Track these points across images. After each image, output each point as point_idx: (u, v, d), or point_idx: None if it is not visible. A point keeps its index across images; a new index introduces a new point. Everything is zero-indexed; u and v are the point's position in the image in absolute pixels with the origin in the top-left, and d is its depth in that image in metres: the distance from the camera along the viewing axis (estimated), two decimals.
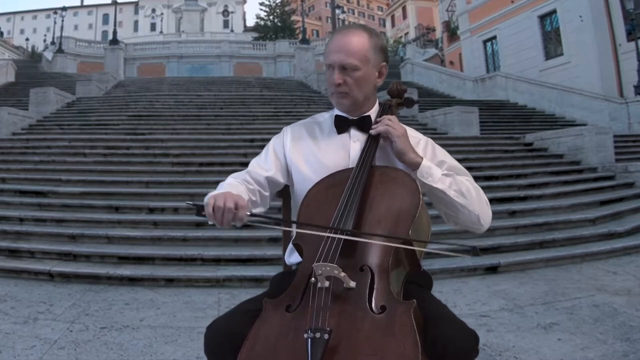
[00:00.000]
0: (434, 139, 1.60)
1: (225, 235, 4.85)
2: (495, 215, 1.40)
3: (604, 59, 15.30)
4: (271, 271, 3.09)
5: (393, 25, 54.48)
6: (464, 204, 1.39)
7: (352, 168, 1.41)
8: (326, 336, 1.08)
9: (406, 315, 1.12)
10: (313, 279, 1.18)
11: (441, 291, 3.66)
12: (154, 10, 55.67)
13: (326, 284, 1.16)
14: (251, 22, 52.93)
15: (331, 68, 1.45)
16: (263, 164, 1.53)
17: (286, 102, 13.69)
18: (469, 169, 1.56)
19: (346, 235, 1.25)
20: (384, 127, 1.43)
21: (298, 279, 1.27)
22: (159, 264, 4.48)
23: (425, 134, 1.61)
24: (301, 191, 1.47)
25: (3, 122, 9.45)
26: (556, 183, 7.19)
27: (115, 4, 32.74)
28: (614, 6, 15.26)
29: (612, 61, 15.38)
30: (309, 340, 1.08)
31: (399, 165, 1.44)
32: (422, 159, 1.41)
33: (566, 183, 7.25)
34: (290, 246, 1.53)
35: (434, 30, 38.22)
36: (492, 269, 4.42)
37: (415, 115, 11.47)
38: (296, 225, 1.39)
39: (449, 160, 1.51)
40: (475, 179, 1.52)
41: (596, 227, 5.51)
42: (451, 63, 25.79)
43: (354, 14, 62.61)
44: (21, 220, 5.37)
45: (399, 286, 1.27)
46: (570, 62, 16.31)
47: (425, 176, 1.39)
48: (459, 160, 1.55)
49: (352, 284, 1.17)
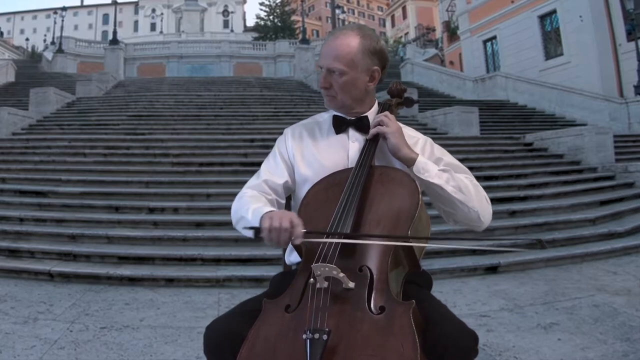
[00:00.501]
0: (434, 139, 1.59)
1: (226, 235, 4.85)
2: (495, 215, 1.39)
3: (604, 59, 15.30)
4: (271, 271, 3.09)
5: (393, 25, 54.50)
6: (463, 200, 1.37)
7: (352, 168, 1.40)
8: (325, 337, 1.08)
9: (405, 315, 1.12)
10: (312, 279, 1.18)
11: (441, 291, 3.66)
12: (154, 10, 55.67)
13: (325, 284, 1.16)
14: (251, 22, 53.02)
15: (322, 70, 1.47)
16: (275, 171, 1.52)
17: (286, 102, 13.69)
18: (469, 169, 1.56)
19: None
20: (376, 127, 1.43)
21: (297, 279, 1.27)
22: (159, 264, 4.47)
23: (425, 134, 1.61)
24: (301, 191, 1.47)
25: (3, 122, 9.46)
26: (556, 183, 7.19)
27: (115, 4, 32.76)
28: (614, 6, 15.26)
29: (612, 61, 15.38)
30: (307, 340, 1.09)
31: (398, 165, 1.44)
32: (417, 154, 1.40)
33: (566, 183, 7.25)
34: (290, 246, 1.53)
35: (434, 30, 38.23)
36: (492, 269, 4.42)
37: (415, 115, 11.47)
38: (344, 237, 1.27)
39: (447, 158, 1.50)
40: (475, 179, 1.51)
41: (596, 227, 5.50)
42: (451, 63, 25.79)
43: (354, 14, 62.61)
44: (21, 220, 5.37)
45: (398, 286, 1.26)
46: (570, 62, 16.31)
47: (422, 172, 1.37)
48: (459, 160, 1.54)
49: (351, 284, 1.17)
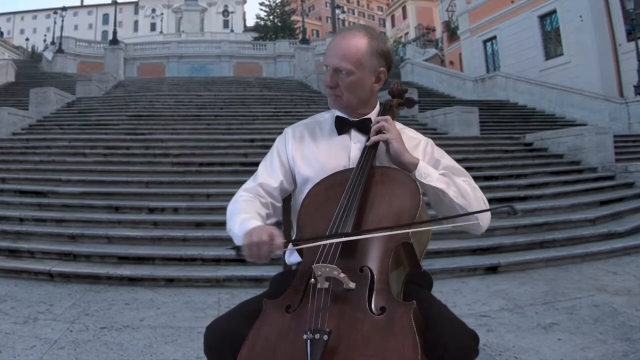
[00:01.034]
0: (434, 139, 1.59)
1: (226, 235, 4.76)
2: (495, 215, 1.39)
3: (604, 59, 15.30)
4: (271, 271, 3.08)
5: (393, 25, 54.47)
6: (463, 205, 1.38)
7: (353, 168, 1.40)
8: (325, 337, 1.08)
9: (406, 316, 1.12)
10: (313, 279, 1.18)
11: (441, 291, 3.66)
12: (154, 10, 55.68)
13: (326, 284, 1.16)
14: (251, 22, 53.02)
15: (328, 69, 1.46)
16: (272, 173, 1.53)
17: (286, 102, 13.69)
18: (469, 169, 1.56)
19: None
20: (377, 136, 1.42)
21: (298, 279, 1.27)
22: (159, 264, 4.47)
23: (425, 134, 1.60)
24: (302, 191, 1.47)
25: (3, 122, 9.46)
26: (556, 183, 7.19)
27: (115, 4, 32.77)
28: (614, 6, 15.26)
29: (612, 61, 15.38)
30: (308, 341, 1.09)
31: None
32: (419, 160, 1.40)
33: (566, 183, 7.25)
34: (290, 246, 1.53)
35: (434, 30, 38.23)
36: (492, 269, 4.42)
37: (415, 115, 11.47)
38: (329, 238, 1.29)
39: (447, 160, 1.50)
40: (475, 179, 1.51)
41: (596, 227, 5.50)
42: (451, 63, 25.80)
43: (354, 14, 62.62)
44: (21, 220, 5.36)
45: (398, 287, 1.26)
46: (570, 62, 16.31)
47: (424, 176, 1.38)
48: (458, 161, 1.54)
49: (352, 285, 1.17)
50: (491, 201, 1.47)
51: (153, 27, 54.27)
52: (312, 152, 1.52)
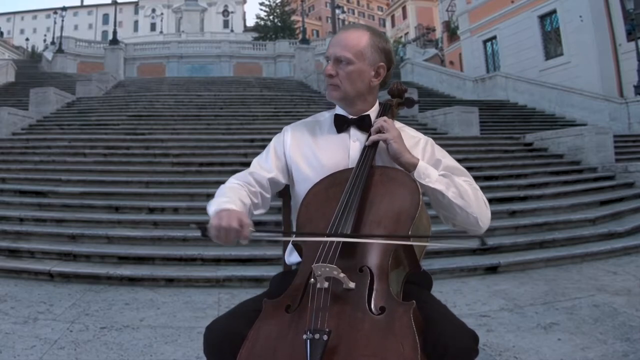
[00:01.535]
0: (434, 139, 1.59)
1: None
2: (495, 215, 1.40)
3: (604, 59, 15.30)
4: (271, 271, 3.09)
5: (393, 25, 54.47)
6: (463, 205, 1.37)
7: (352, 168, 1.40)
8: (325, 337, 1.08)
9: (406, 316, 1.12)
10: (312, 279, 1.18)
11: (441, 291, 3.66)
12: (154, 10, 55.68)
13: (325, 284, 1.16)
14: (251, 22, 53.03)
15: (329, 61, 1.47)
16: (265, 165, 1.53)
17: (286, 102, 13.69)
18: (469, 169, 1.56)
19: (345, 237, 1.24)
20: (376, 135, 1.43)
21: (298, 279, 1.27)
22: (159, 264, 4.48)
23: (425, 134, 1.60)
24: (301, 191, 1.47)
25: (3, 122, 9.46)
26: (556, 183, 7.19)
27: (115, 4, 32.77)
28: (614, 6, 15.26)
29: (612, 61, 15.39)
30: (308, 341, 1.09)
31: (397, 165, 1.44)
32: (418, 160, 1.40)
33: (566, 183, 7.25)
34: (290, 246, 1.53)
35: (434, 30, 38.24)
36: (492, 269, 4.42)
37: (415, 115, 11.47)
38: (296, 235, 1.40)
39: (447, 160, 1.49)
40: (475, 179, 1.51)
41: (596, 227, 5.50)
42: (451, 63, 25.80)
43: (354, 14, 62.62)
44: (21, 220, 5.37)
45: (398, 287, 1.26)
46: (570, 62, 16.32)
47: (423, 177, 1.38)
48: (458, 161, 1.54)
49: (352, 284, 1.17)
50: (491, 201, 1.47)
51: (153, 27, 54.26)
52: (311, 151, 1.52)
